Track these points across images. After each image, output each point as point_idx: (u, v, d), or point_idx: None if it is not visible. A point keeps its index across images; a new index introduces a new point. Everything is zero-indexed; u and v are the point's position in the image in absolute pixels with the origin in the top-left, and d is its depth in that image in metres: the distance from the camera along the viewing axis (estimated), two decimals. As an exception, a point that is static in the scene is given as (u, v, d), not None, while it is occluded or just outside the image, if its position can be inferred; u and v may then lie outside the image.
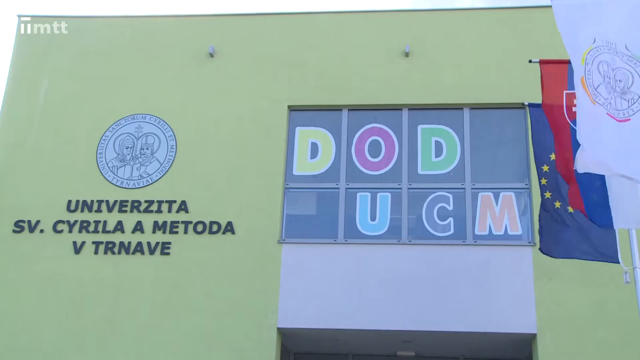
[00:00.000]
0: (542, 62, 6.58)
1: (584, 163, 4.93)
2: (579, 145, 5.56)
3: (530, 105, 7.33)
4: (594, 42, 5.38)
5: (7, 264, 9.38)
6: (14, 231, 9.54)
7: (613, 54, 5.39)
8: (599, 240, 6.83)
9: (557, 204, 6.85)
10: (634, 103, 5.19)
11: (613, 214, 6.28)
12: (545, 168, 6.94)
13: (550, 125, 6.62)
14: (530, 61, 6.76)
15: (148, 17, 10.95)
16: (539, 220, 7.15)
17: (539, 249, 7.23)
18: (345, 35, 10.39)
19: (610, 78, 5.28)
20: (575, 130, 5.98)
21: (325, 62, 10.22)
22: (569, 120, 6.50)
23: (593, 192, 6.40)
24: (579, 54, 5.34)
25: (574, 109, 5.76)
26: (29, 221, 9.57)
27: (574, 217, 6.84)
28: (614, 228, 6.42)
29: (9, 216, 9.62)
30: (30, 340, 8.93)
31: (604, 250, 6.85)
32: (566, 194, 6.64)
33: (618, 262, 6.61)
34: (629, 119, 5.17)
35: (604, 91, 5.20)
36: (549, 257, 8.19)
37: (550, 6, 6.81)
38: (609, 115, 5.10)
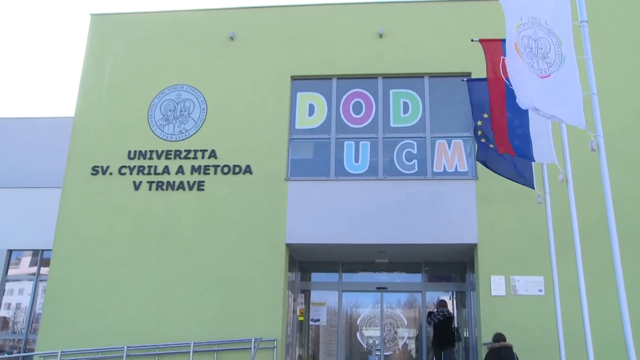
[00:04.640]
0: (482, 40, 7.52)
1: (519, 100, 5.44)
2: (511, 100, 6.28)
3: (468, 80, 8.27)
4: (521, 19, 5.82)
5: (88, 197, 10.79)
6: (91, 174, 10.96)
7: (536, 27, 5.81)
8: (521, 169, 7.81)
9: (491, 146, 7.70)
10: (552, 65, 5.69)
11: (533, 150, 7.06)
12: (480, 122, 7.83)
13: (490, 91, 7.32)
14: (472, 40, 7.57)
15: (183, 11, 12.05)
16: (477, 151, 8.03)
17: (476, 158, 8.14)
18: (334, 21, 11.40)
19: (531, 48, 5.71)
20: (508, 89, 6.69)
21: (319, 42, 11.25)
22: (504, 79, 7.06)
23: (520, 133, 7.06)
24: (513, 24, 5.82)
25: (508, 69, 6.09)
26: (102, 166, 10.94)
27: (503, 155, 7.71)
28: (534, 161, 7.33)
29: (87, 163, 11.01)
30: (108, 253, 10.41)
31: (525, 176, 7.84)
32: (495, 141, 7.57)
33: (533, 188, 7.83)
34: (550, 75, 5.68)
35: (527, 57, 5.66)
36: (488, 188, 9.62)
37: (490, 0, 7.91)
38: (532, 72, 5.64)
